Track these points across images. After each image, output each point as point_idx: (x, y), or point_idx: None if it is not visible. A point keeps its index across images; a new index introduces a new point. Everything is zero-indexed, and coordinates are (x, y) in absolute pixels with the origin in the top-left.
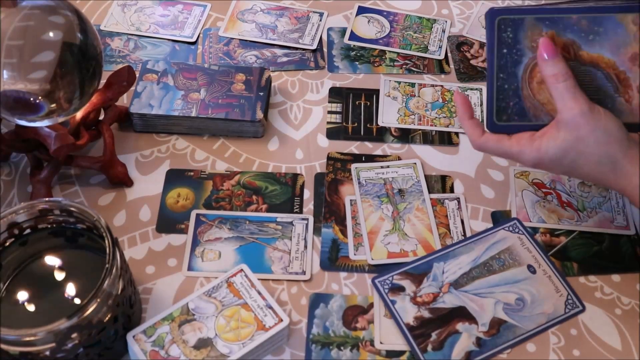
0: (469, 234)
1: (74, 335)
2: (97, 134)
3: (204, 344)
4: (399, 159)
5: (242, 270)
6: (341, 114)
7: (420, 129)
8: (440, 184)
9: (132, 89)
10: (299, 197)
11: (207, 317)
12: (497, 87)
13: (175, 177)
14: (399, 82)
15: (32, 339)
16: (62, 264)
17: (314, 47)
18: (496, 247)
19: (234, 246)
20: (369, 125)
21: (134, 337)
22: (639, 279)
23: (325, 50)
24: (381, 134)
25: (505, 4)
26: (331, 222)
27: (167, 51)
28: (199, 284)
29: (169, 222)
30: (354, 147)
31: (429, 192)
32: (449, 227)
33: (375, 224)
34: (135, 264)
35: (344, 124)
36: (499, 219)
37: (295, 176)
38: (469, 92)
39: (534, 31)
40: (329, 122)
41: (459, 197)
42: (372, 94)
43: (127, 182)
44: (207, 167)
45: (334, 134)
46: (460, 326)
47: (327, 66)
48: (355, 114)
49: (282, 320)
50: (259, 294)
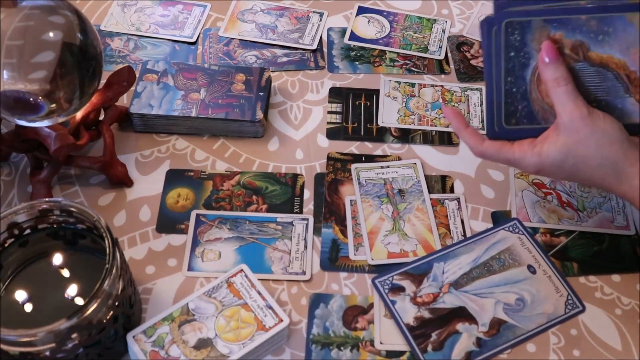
0: (469, 234)
1: (74, 335)
2: (97, 134)
3: (204, 344)
4: (399, 159)
5: (242, 270)
6: (341, 114)
7: (420, 129)
8: (440, 184)
9: (132, 89)
10: (299, 197)
11: (207, 317)
12: (506, 91)
13: (175, 177)
14: (399, 82)
15: (32, 339)
16: (62, 264)
17: (314, 47)
18: (496, 247)
19: (234, 246)
20: (369, 125)
21: (134, 337)
22: (639, 279)
23: (325, 50)
24: (381, 134)
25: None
26: (331, 222)
27: (167, 51)
28: (199, 284)
29: (169, 222)
30: (354, 147)
31: (429, 192)
32: (449, 227)
33: (375, 224)
34: (135, 264)
35: (344, 124)
36: (499, 219)
37: (295, 176)
38: (469, 92)
39: (541, 33)
40: (329, 122)
41: (459, 197)
42: (372, 94)
43: (127, 182)
44: (207, 167)
45: (334, 134)
46: (460, 326)
47: (327, 66)
48: (355, 114)
49: (282, 320)
50: (259, 294)
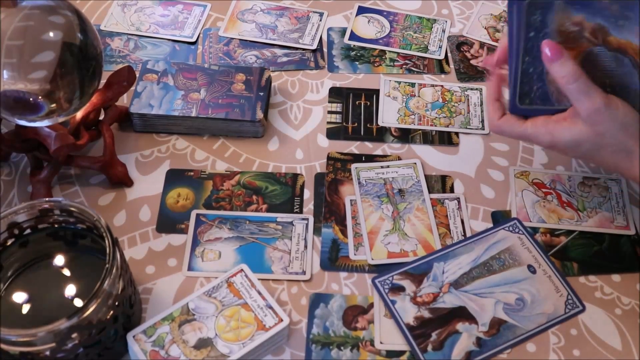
0: (469, 234)
1: (74, 335)
2: (97, 134)
3: (204, 344)
4: (399, 159)
5: (242, 270)
6: (341, 114)
7: (420, 129)
8: (440, 184)
9: (132, 89)
10: (299, 197)
11: (207, 317)
12: (523, 71)
13: (175, 177)
14: (399, 82)
15: (32, 339)
16: (62, 264)
17: (314, 47)
18: (496, 247)
19: (234, 246)
20: (369, 125)
21: (134, 337)
22: (639, 279)
23: (325, 50)
24: (381, 134)
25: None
26: (331, 222)
27: (167, 51)
28: (199, 284)
29: (169, 222)
30: (354, 147)
31: (429, 192)
32: (449, 227)
33: (375, 224)
34: (135, 264)
35: (344, 124)
36: (499, 219)
37: (295, 176)
38: (469, 92)
39: (563, 15)
40: (329, 122)
41: (459, 197)
42: (372, 94)
43: (127, 182)
44: (207, 167)
45: (334, 134)
46: (460, 326)
47: (327, 66)
48: (355, 114)
49: (282, 320)
50: (259, 294)
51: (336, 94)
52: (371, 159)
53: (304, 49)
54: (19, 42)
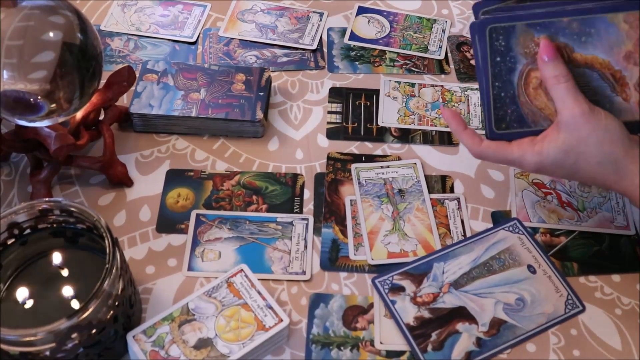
0: (469, 234)
1: (74, 335)
2: (97, 134)
3: (204, 344)
4: (399, 159)
5: (242, 270)
6: (341, 114)
7: (420, 129)
8: (440, 184)
9: (132, 89)
10: (299, 197)
11: (207, 317)
12: (494, 96)
13: (175, 177)
14: (399, 82)
15: (32, 339)
16: (62, 264)
17: (314, 47)
18: (496, 247)
19: (234, 246)
20: (369, 125)
21: (134, 337)
22: (639, 279)
23: (325, 50)
24: (381, 134)
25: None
26: (331, 222)
27: (167, 51)
28: (199, 284)
29: (169, 222)
30: (354, 147)
31: (429, 192)
32: (449, 227)
33: (375, 224)
34: (135, 264)
35: (344, 124)
36: (499, 219)
37: (295, 176)
38: (469, 92)
39: (526, 37)
40: (329, 122)
41: (459, 197)
42: (372, 94)
43: (127, 182)
44: (207, 167)
45: (334, 134)
46: (460, 326)
47: (327, 66)
48: (355, 114)
49: (282, 320)
50: (259, 294)
51: (336, 94)
52: (371, 159)
53: (304, 49)
54: (19, 42)
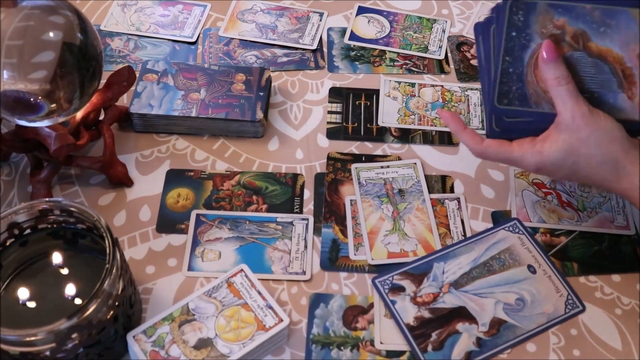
0: (469, 234)
1: (74, 335)
2: (97, 134)
3: (204, 344)
4: (399, 159)
5: (242, 270)
6: (341, 114)
7: (420, 129)
8: (440, 184)
9: (132, 89)
10: (299, 197)
11: (207, 317)
12: (502, 70)
13: (175, 177)
14: (399, 82)
15: (32, 339)
16: (62, 264)
17: (314, 47)
18: (496, 247)
19: (234, 246)
20: (369, 125)
21: (134, 337)
22: (639, 279)
23: (325, 50)
24: (381, 134)
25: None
26: (331, 222)
27: (167, 51)
28: (199, 284)
29: (169, 222)
30: (354, 147)
31: (429, 192)
32: (449, 227)
33: (375, 224)
34: (135, 264)
35: (344, 124)
36: (499, 219)
37: (295, 176)
38: (469, 92)
39: (545, 17)
40: (329, 122)
41: (459, 197)
42: (372, 94)
43: (127, 182)
44: (207, 167)
45: (334, 134)
46: (460, 326)
47: (327, 66)
48: (355, 114)
49: (282, 320)
50: (259, 294)
51: (336, 94)
52: (371, 159)
53: (304, 49)
54: (19, 42)
